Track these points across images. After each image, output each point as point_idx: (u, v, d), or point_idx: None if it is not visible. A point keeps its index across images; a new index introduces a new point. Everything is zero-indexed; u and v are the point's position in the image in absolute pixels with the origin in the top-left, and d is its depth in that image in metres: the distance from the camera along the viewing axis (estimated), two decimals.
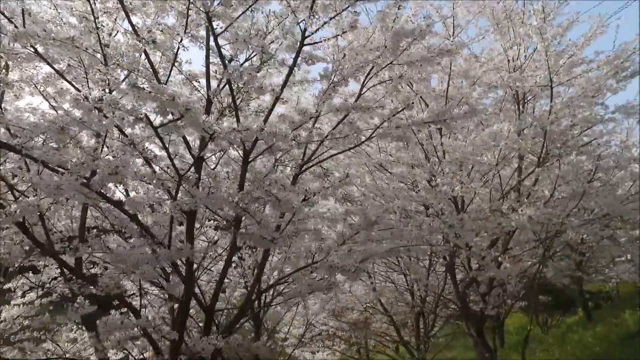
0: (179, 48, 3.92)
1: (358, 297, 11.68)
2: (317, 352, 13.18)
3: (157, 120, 3.44)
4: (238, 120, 3.86)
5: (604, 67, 6.94)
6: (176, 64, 4.20)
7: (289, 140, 3.29)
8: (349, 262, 3.64)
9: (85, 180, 3.04)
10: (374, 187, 7.69)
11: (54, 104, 4.44)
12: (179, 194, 3.79)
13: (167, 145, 3.46)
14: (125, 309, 4.42)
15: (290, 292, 4.62)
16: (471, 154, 6.16)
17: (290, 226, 4.31)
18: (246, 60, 4.58)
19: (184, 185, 3.49)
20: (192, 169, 3.96)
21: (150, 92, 2.74)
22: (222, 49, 4.41)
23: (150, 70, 4.02)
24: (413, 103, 4.66)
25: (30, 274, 6.47)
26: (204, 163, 4.49)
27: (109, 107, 2.74)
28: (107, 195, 3.38)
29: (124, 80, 3.76)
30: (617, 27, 6.82)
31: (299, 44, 3.95)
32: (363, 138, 5.10)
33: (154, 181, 3.62)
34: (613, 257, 12.27)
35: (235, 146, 4.10)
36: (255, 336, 9.01)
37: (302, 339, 11.87)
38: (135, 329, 3.91)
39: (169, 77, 4.11)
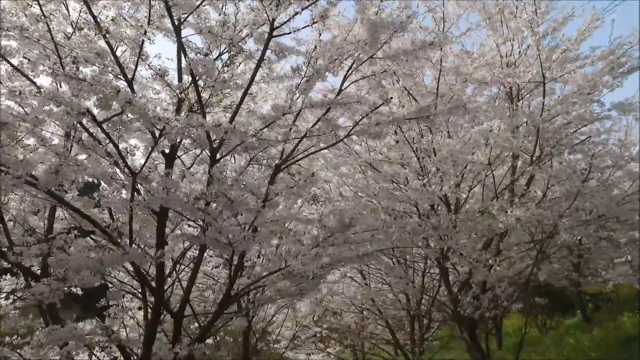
0: (143, 41, 3.71)
1: (352, 299, 11.48)
2: (312, 354, 12.98)
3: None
4: (204, 116, 3.65)
5: (599, 62, 6.71)
6: (144, 58, 4.00)
7: (247, 137, 3.07)
8: (309, 269, 3.42)
9: (32, 179, 2.84)
10: (365, 187, 7.48)
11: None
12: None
13: (117, 142, 3.25)
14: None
15: (262, 297, 4.41)
16: (460, 152, 5.94)
17: (265, 228, 4.10)
18: (220, 55, 4.39)
19: (140, 183, 3.28)
20: (158, 167, 3.75)
21: (91, 84, 2.54)
22: (192, 43, 4.21)
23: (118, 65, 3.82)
24: (391, 98, 4.42)
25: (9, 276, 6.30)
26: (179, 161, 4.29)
27: (48, 101, 2.54)
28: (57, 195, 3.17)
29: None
30: (612, 22, 6.58)
31: (267, 35, 3.73)
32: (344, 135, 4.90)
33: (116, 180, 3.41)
34: (612, 258, 12.03)
35: (197, 143, 3.89)
36: (244, 339, 8.84)
37: (295, 341, 11.71)
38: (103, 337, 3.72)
39: (135, 72, 3.90)
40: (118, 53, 3.94)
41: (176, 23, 3.62)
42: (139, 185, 3.49)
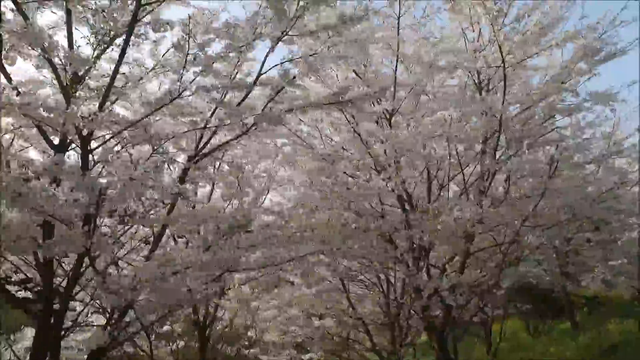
0: None
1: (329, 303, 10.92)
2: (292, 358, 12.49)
3: None
4: (68, 102, 3.15)
5: (570, 47, 6.11)
6: None
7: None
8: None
9: None
10: (321, 183, 6.92)
11: None
12: None
13: None
14: None
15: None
16: (412, 145, 5.37)
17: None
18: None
19: None
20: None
21: None
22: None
23: None
24: (294, 78, 3.86)
25: None
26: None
27: None
28: None
29: None
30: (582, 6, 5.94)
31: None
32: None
33: None
34: (607, 260, 11.35)
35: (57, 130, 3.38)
36: (200, 345, 8.35)
37: (270, 345, 11.23)
38: None
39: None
40: None
41: None
42: None
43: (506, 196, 5.58)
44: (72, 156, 4.15)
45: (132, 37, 3.64)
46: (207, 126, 3.84)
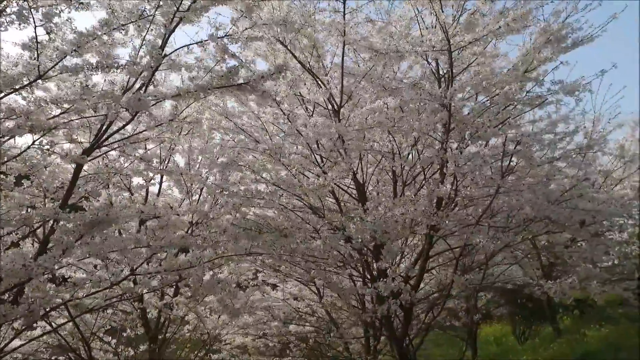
0: None
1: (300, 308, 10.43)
2: None
3: None
4: None
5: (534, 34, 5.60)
6: None
7: None
8: None
9: None
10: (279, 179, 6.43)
11: None
12: None
13: None
14: None
15: None
16: (356, 137, 4.89)
17: None
18: None
19: None
20: None
21: None
22: None
23: None
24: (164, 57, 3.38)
25: None
26: None
27: None
28: None
29: None
30: None
31: None
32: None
33: None
34: (595, 264, 10.79)
35: None
36: (149, 352, 7.90)
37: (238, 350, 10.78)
38: None
39: None
40: None
41: None
42: None
43: (456, 194, 5.07)
44: None
45: None
46: (90, 116, 3.36)
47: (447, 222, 5.23)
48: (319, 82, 5.92)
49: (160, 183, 7.11)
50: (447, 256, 7.37)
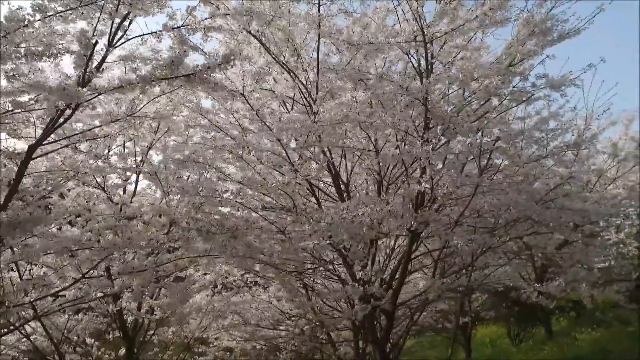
0: None
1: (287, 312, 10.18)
2: None
3: None
4: None
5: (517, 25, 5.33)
6: None
7: None
8: None
9: None
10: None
11: None
12: None
13: None
14: None
15: None
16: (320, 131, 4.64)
17: None
18: None
19: None
20: None
21: None
22: None
23: None
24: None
25: None
26: None
27: None
28: None
29: None
30: None
31: None
32: None
33: None
34: (591, 266, 10.51)
35: None
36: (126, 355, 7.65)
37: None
38: None
39: None
40: None
41: None
42: None
43: (432, 193, 4.80)
44: None
45: None
46: (33, 109, 3.13)
47: (422, 223, 4.98)
48: (292, 76, 5.68)
49: (137, 182, 6.90)
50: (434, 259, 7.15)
